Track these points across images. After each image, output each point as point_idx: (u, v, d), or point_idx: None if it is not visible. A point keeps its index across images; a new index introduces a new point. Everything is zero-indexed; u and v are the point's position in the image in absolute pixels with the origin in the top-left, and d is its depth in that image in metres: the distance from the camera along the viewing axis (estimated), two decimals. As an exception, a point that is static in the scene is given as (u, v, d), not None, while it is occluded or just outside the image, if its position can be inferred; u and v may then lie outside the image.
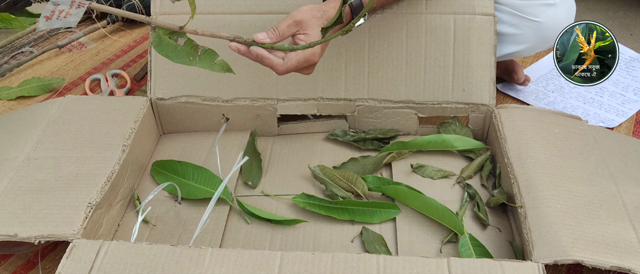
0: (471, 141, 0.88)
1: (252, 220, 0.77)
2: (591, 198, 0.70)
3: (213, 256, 0.60)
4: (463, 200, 0.79)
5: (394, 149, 0.86)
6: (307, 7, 0.70)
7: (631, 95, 1.11)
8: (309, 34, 0.68)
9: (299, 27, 0.68)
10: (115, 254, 0.60)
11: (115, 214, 0.75)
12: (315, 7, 0.70)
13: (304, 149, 0.91)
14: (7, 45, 1.28)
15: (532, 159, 0.75)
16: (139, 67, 1.19)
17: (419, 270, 0.58)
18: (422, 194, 0.76)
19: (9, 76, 1.17)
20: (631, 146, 0.83)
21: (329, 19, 0.69)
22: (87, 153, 0.76)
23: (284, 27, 0.67)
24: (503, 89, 1.11)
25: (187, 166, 0.83)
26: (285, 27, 0.68)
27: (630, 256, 0.61)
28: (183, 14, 0.87)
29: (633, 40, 1.43)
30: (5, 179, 0.72)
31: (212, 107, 0.89)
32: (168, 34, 0.64)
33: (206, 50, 0.64)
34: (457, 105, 0.88)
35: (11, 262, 0.76)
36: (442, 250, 0.72)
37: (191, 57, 0.64)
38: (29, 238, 0.64)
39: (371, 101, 0.89)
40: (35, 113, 0.85)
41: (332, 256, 0.60)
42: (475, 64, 0.87)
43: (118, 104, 0.85)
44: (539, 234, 0.65)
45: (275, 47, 0.66)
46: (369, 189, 0.80)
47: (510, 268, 0.58)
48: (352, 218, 0.75)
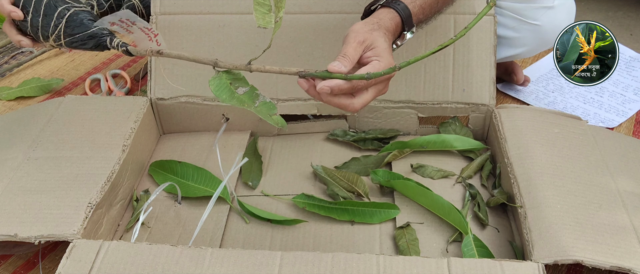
0: (471, 141, 0.88)
1: (252, 220, 0.77)
2: (591, 198, 0.70)
3: (213, 256, 0.60)
4: (465, 200, 0.79)
5: (394, 148, 0.86)
6: (359, 24, 0.65)
7: (631, 95, 1.11)
8: (377, 48, 0.63)
9: (364, 47, 0.63)
10: (115, 254, 0.60)
11: (115, 214, 0.75)
12: (367, 22, 0.66)
13: (304, 149, 0.91)
14: (7, 46, 1.28)
15: (532, 159, 0.75)
16: (139, 67, 1.19)
17: (419, 270, 0.58)
18: (430, 191, 0.76)
19: (9, 76, 1.17)
20: (631, 146, 0.84)
21: (388, 28, 0.66)
22: (87, 153, 0.76)
23: (351, 51, 0.62)
24: (503, 89, 1.11)
25: (187, 167, 0.83)
26: (353, 51, 0.62)
27: (630, 256, 0.61)
28: (183, 14, 0.87)
29: (633, 40, 1.43)
30: (5, 179, 0.72)
31: (212, 107, 0.89)
32: (230, 81, 0.60)
33: (265, 103, 0.60)
34: (457, 105, 0.88)
35: (11, 262, 0.76)
36: (448, 250, 0.72)
37: (247, 105, 0.59)
38: (29, 238, 0.64)
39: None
40: (35, 113, 0.85)
41: (332, 256, 0.60)
42: (475, 64, 0.87)
43: (118, 104, 0.85)
44: (539, 234, 0.65)
45: (352, 78, 0.59)
46: (378, 183, 0.80)
47: (510, 268, 0.58)
48: (352, 219, 0.76)
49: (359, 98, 0.62)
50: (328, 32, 0.86)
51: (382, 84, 0.63)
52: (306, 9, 0.86)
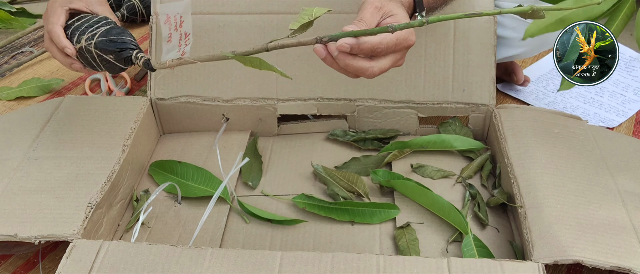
0: (471, 141, 0.88)
1: (252, 220, 0.77)
2: (591, 198, 0.70)
3: (213, 256, 0.60)
4: (465, 200, 0.79)
5: (394, 148, 0.86)
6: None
7: (631, 95, 1.11)
8: (396, 15, 0.60)
9: (382, 13, 0.61)
10: (115, 254, 0.60)
11: (115, 214, 0.75)
12: None
13: (304, 149, 0.91)
14: (7, 45, 1.28)
15: (532, 159, 0.75)
16: (139, 67, 1.19)
17: (419, 270, 0.58)
18: (430, 191, 0.76)
19: (9, 75, 1.17)
20: (631, 146, 0.84)
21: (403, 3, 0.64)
22: (87, 153, 0.76)
23: (368, 16, 0.60)
24: (503, 89, 1.11)
25: (187, 167, 0.83)
26: (369, 16, 0.60)
27: (630, 256, 0.61)
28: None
29: (633, 40, 1.43)
30: (5, 179, 0.72)
31: (212, 107, 0.89)
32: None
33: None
34: (457, 105, 0.88)
35: (11, 262, 0.76)
36: (448, 250, 0.72)
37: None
38: (29, 238, 0.64)
39: (371, 100, 0.89)
40: (35, 113, 0.85)
41: (332, 256, 0.60)
42: (475, 64, 0.87)
43: (118, 104, 0.85)
44: (539, 234, 0.65)
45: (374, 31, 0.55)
46: (378, 183, 0.80)
47: (510, 268, 0.58)
48: (352, 219, 0.76)
49: (377, 62, 0.59)
50: (328, 32, 0.86)
51: (400, 53, 0.61)
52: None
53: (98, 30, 0.71)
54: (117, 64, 0.70)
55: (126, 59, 0.69)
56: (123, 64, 0.70)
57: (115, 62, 0.70)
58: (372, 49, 0.58)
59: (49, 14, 0.75)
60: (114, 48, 0.69)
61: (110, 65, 0.71)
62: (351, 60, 0.58)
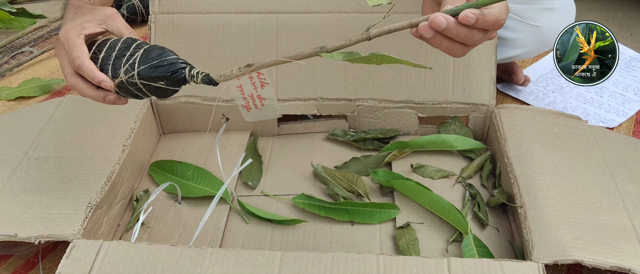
0: (471, 141, 0.88)
1: (252, 220, 0.77)
2: (591, 198, 0.70)
3: (213, 256, 0.60)
4: (465, 200, 0.79)
5: (394, 148, 0.86)
6: None
7: (631, 95, 1.11)
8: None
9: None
10: (115, 254, 0.60)
11: (115, 214, 0.75)
12: None
13: (304, 149, 0.91)
14: (7, 45, 1.28)
15: (532, 159, 0.75)
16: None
17: (419, 270, 0.58)
18: (430, 191, 0.76)
19: (9, 75, 1.17)
20: (631, 146, 0.84)
21: None
22: (87, 153, 0.76)
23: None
24: (503, 89, 1.11)
25: (187, 167, 0.83)
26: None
27: (630, 256, 0.61)
28: (182, 13, 0.87)
29: (633, 40, 1.43)
30: (5, 179, 0.72)
31: (212, 107, 0.89)
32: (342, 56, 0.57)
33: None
34: (457, 105, 0.88)
35: (11, 262, 0.76)
36: (448, 250, 0.72)
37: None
38: (29, 238, 0.64)
39: (371, 100, 0.89)
40: (35, 113, 0.85)
41: (332, 256, 0.60)
42: (475, 64, 0.87)
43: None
44: (539, 234, 0.65)
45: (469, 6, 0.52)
46: (378, 183, 0.80)
47: (510, 268, 0.58)
48: (352, 219, 0.76)
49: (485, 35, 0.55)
50: (328, 32, 0.86)
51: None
52: (306, 9, 0.86)
53: (133, 58, 0.62)
54: (170, 88, 0.62)
55: (181, 81, 0.61)
56: (177, 86, 0.61)
57: (167, 87, 0.61)
58: (496, 21, 0.53)
59: (68, 48, 0.63)
60: (165, 74, 0.60)
61: (160, 91, 0.62)
62: (472, 32, 0.53)
